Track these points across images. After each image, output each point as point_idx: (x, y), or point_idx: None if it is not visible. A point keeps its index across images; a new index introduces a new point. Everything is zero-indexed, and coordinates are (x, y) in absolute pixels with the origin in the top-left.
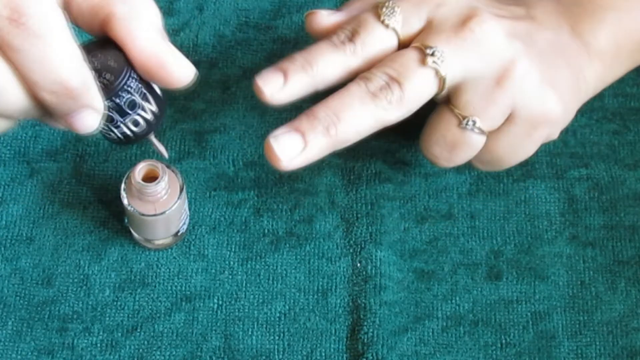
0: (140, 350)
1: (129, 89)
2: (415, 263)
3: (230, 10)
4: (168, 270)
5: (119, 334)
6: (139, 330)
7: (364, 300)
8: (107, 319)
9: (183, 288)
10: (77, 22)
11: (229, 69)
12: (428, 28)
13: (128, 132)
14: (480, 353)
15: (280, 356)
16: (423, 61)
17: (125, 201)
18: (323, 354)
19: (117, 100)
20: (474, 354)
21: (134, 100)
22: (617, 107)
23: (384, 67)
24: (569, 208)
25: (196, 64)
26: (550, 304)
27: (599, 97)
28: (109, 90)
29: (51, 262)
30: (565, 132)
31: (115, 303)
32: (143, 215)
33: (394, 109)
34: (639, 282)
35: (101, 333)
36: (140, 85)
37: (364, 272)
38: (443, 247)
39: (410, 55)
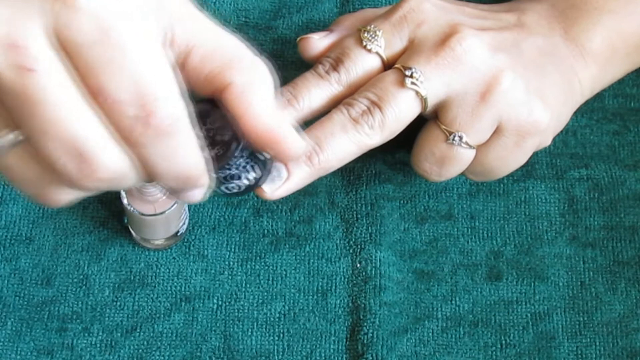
0: (140, 350)
1: (233, 165)
2: (415, 263)
3: (230, 10)
4: (168, 270)
5: (119, 334)
6: (138, 330)
7: (363, 301)
8: (107, 319)
9: (183, 288)
10: (189, 82)
11: None
12: (410, 48)
13: (220, 192)
14: (480, 354)
15: (280, 357)
16: (402, 83)
17: (124, 201)
18: (323, 355)
19: (220, 173)
20: (473, 355)
21: (233, 174)
22: (617, 108)
23: (365, 91)
24: (569, 208)
25: None
26: (550, 305)
27: (599, 97)
28: (216, 163)
29: (50, 262)
30: (565, 133)
31: (114, 303)
32: (143, 215)
33: (376, 133)
34: (639, 283)
35: (100, 333)
36: (243, 161)
37: (364, 273)
38: (443, 247)
39: (390, 78)
